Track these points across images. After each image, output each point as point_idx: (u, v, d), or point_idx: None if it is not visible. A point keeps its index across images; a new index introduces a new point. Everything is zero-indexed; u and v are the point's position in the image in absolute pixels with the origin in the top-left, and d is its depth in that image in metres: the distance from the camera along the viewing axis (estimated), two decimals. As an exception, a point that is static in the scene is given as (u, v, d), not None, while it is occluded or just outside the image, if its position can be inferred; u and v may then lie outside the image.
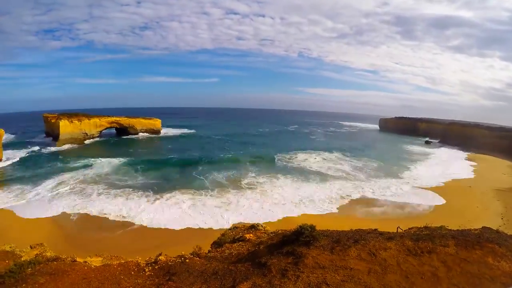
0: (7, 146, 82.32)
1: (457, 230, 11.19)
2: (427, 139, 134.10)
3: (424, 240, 9.24)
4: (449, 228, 11.17)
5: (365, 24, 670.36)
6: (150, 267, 9.75)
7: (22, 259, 13.09)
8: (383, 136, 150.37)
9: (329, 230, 10.20)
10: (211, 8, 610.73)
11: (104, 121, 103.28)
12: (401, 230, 10.37)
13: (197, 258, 9.81)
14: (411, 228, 11.32)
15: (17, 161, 67.36)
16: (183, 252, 10.08)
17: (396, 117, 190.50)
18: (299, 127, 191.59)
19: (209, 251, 11.46)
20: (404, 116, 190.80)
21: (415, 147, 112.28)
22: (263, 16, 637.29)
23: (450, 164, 78.49)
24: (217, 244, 12.04)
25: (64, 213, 37.34)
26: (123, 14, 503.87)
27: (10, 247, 16.22)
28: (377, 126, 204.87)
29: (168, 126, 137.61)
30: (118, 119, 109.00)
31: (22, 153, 75.66)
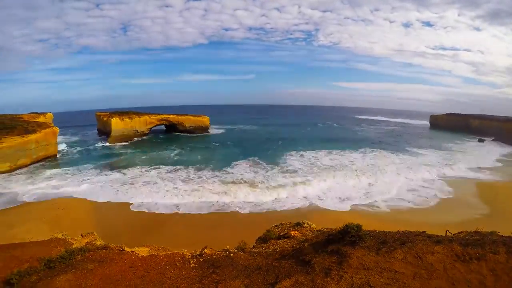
0: (64, 142, 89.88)
1: (509, 236, 10.58)
2: (480, 137, 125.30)
3: (473, 246, 8.83)
4: (500, 234, 10.60)
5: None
6: (195, 259, 10.19)
7: (73, 246, 14.11)
8: (440, 134, 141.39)
9: (376, 230, 10.07)
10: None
11: (153, 119, 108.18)
12: (450, 234, 10.00)
13: (242, 253, 10.13)
14: (461, 232, 10.84)
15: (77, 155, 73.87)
16: (228, 247, 10.43)
17: (447, 114, 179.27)
18: (349, 124, 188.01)
19: (253, 247, 11.76)
20: (455, 112, 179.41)
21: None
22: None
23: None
24: (262, 240, 12.34)
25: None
26: (93, 19, 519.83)
27: (62, 234, 17.52)
28: (425, 122, 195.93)
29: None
30: (167, 116, 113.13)
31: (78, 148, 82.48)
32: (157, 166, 60.76)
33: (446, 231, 10.09)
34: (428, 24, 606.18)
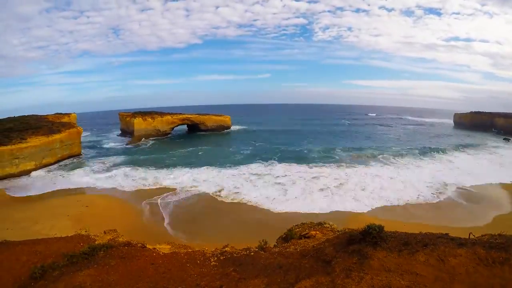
0: (88, 142, 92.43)
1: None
2: (505, 136, 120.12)
3: (497, 249, 8.63)
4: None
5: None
6: (215, 258, 10.39)
7: (96, 242, 14.56)
8: (472, 134, 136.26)
9: (398, 231, 9.98)
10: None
11: (176, 118, 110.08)
12: (474, 237, 9.79)
13: (262, 252, 10.28)
14: (484, 235, 10.58)
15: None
16: (249, 245, 10.57)
17: (471, 112, 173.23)
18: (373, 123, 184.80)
19: (274, 246, 11.87)
20: (479, 110, 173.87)
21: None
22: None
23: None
24: (283, 239, 12.44)
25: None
26: (83, 26, 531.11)
27: (85, 231, 18.11)
28: (448, 121, 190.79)
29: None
30: (189, 116, 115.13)
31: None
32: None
33: (470, 234, 9.88)
34: (431, 11, 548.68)
